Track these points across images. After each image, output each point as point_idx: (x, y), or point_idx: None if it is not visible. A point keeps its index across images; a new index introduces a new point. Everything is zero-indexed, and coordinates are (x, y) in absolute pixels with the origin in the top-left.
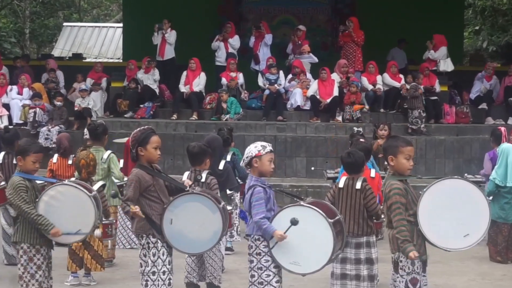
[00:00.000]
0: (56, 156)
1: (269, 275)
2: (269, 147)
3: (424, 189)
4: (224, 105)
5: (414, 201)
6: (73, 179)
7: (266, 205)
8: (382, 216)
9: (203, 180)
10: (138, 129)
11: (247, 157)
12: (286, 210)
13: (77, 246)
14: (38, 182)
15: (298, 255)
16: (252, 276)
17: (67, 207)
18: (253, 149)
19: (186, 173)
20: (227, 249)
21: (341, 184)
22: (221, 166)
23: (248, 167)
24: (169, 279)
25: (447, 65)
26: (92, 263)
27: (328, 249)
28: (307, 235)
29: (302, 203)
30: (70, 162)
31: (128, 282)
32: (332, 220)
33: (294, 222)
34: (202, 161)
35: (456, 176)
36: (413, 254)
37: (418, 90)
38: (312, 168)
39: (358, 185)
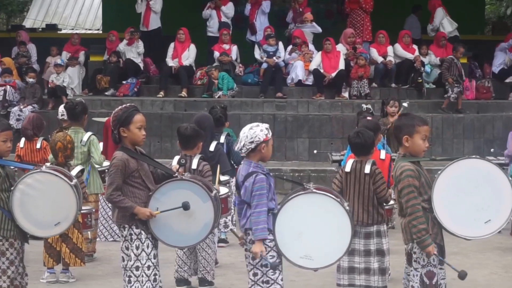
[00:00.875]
0: (23, 140)
1: (275, 273)
2: (269, 130)
3: (439, 171)
4: (216, 82)
5: (428, 185)
6: (48, 164)
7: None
8: (392, 202)
9: (194, 166)
10: (120, 107)
11: (251, 142)
12: (296, 199)
13: (54, 239)
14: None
15: (310, 247)
16: (255, 274)
17: (46, 197)
18: (259, 133)
19: (176, 158)
20: (220, 241)
21: (347, 168)
22: (212, 148)
23: (244, 152)
24: (155, 274)
25: (449, 25)
26: (70, 258)
27: (345, 239)
28: (320, 224)
29: (312, 189)
30: (38, 146)
31: (111, 279)
32: (347, 208)
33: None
34: (194, 145)
35: (474, 156)
36: (432, 250)
37: (454, 64)
38: (315, 151)
39: (367, 169)
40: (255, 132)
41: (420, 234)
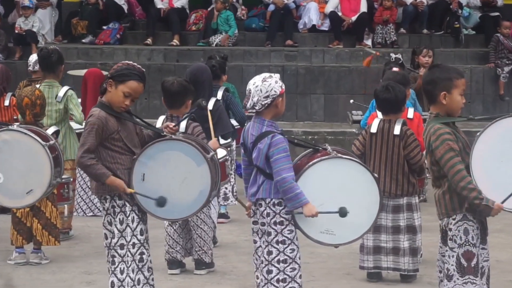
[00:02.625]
0: None
1: (293, 250)
2: None
3: (478, 133)
4: (216, 14)
5: (465, 150)
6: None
7: None
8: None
9: (182, 129)
10: (128, 62)
11: (267, 97)
12: (317, 166)
13: (24, 213)
14: None
15: (332, 220)
16: (269, 253)
17: (16, 161)
18: (274, 85)
19: (161, 119)
20: (220, 215)
21: (373, 129)
22: (210, 106)
23: (259, 109)
24: (141, 253)
25: None
26: (43, 235)
27: (372, 210)
28: (344, 194)
29: (334, 152)
30: (7, 103)
31: (91, 260)
32: (376, 175)
33: (343, 213)
34: (182, 103)
35: None
36: (498, 206)
37: (500, 43)
38: (352, 101)
39: (397, 130)
40: (270, 84)
41: (478, 201)
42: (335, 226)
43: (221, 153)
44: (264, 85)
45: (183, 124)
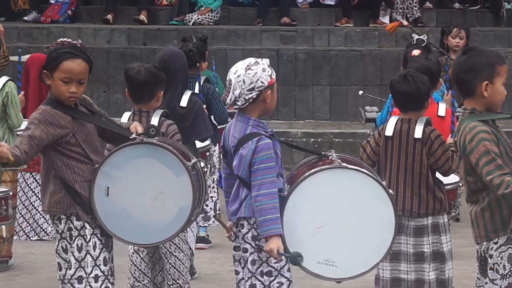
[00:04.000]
0: None
1: (281, 284)
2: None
3: None
4: None
5: (508, 155)
6: None
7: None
8: (457, 178)
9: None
10: (61, 40)
11: (251, 90)
12: (314, 178)
13: None
14: None
15: (333, 247)
16: (253, 286)
17: None
18: (261, 74)
19: (126, 116)
20: (199, 240)
21: (389, 131)
22: (184, 102)
23: (241, 105)
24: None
25: None
26: None
27: (385, 235)
28: (349, 215)
29: (338, 161)
30: None
31: None
32: (390, 191)
33: (294, 260)
34: (151, 96)
35: None
36: None
37: None
38: (361, 93)
39: (418, 132)
40: (255, 73)
41: None
42: (338, 255)
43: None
44: (248, 74)
45: (154, 122)
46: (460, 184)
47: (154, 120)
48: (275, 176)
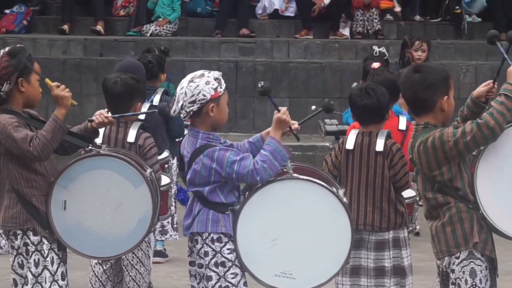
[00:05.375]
0: None
1: None
2: (223, 80)
3: (482, 148)
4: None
5: (465, 170)
6: None
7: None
8: (413, 192)
9: (131, 139)
10: (8, 49)
11: (193, 102)
12: (267, 189)
13: None
14: None
15: (290, 260)
16: None
17: None
18: (203, 86)
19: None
20: (156, 253)
21: (350, 144)
22: (142, 115)
23: (184, 117)
24: None
25: None
26: None
27: (343, 247)
28: (304, 227)
29: (291, 172)
30: None
31: None
32: (345, 200)
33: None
34: (128, 106)
35: None
36: None
37: None
38: (313, 107)
39: (380, 145)
40: (197, 85)
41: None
42: (295, 267)
43: (164, 180)
44: (190, 86)
45: (132, 135)
46: (417, 198)
47: (132, 133)
48: (249, 155)
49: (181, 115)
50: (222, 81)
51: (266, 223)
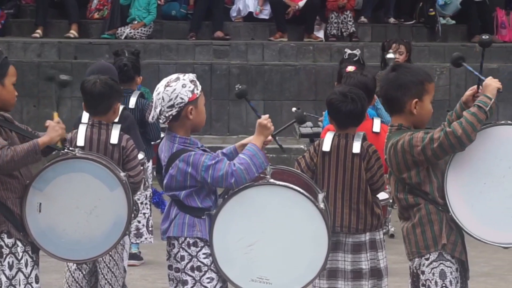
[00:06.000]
0: None
1: None
2: (197, 81)
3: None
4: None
5: (435, 173)
6: None
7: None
8: (387, 195)
9: (113, 141)
10: None
11: (171, 107)
12: (243, 194)
13: None
14: None
15: (266, 265)
16: None
17: None
18: (180, 90)
19: (82, 127)
20: (131, 256)
21: (326, 146)
22: (116, 118)
23: (164, 123)
24: None
25: None
26: None
27: (320, 252)
28: (280, 232)
29: (268, 177)
30: None
31: None
32: (322, 206)
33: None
34: (108, 108)
35: (504, 121)
36: (494, 86)
37: None
38: (294, 109)
39: (357, 147)
40: (174, 89)
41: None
42: (272, 272)
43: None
44: (167, 91)
45: (115, 136)
46: (391, 201)
47: (115, 134)
48: (224, 159)
49: (160, 121)
50: (198, 83)
51: (243, 228)
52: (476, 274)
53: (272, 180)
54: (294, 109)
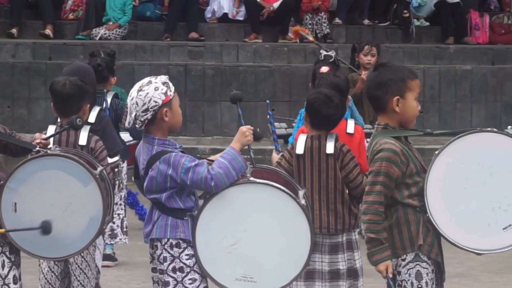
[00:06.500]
0: None
1: None
2: (170, 83)
3: (437, 152)
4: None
5: (419, 173)
6: None
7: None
8: None
9: (82, 142)
10: None
11: (145, 111)
12: (225, 194)
13: None
14: None
15: (250, 264)
16: None
17: None
18: (153, 93)
19: (51, 128)
20: (105, 257)
21: (299, 149)
22: (92, 118)
23: (140, 127)
24: None
25: None
26: None
27: (302, 248)
28: (263, 230)
29: (249, 176)
30: None
31: None
32: (303, 203)
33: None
34: (78, 109)
35: (489, 129)
36: (382, 269)
37: None
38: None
39: (330, 147)
40: (147, 93)
41: (370, 245)
42: (256, 270)
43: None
44: (140, 95)
45: (84, 137)
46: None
47: (83, 135)
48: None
49: (136, 125)
50: (170, 84)
51: (225, 227)
52: (450, 275)
53: (252, 179)
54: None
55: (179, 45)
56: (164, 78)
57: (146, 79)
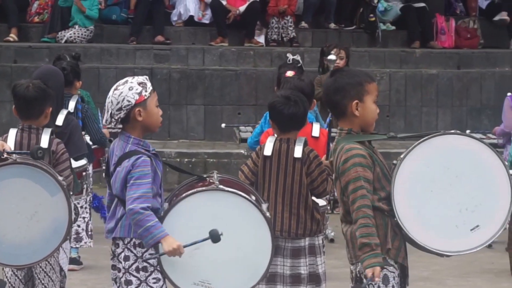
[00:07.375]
0: None
1: None
2: (149, 83)
3: (402, 155)
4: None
5: (385, 177)
6: None
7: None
8: (325, 202)
9: (44, 145)
10: None
11: (119, 110)
12: (191, 200)
13: None
14: None
15: (209, 269)
16: None
17: None
18: (127, 93)
19: (12, 132)
20: (70, 261)
21: (267, 150)
22: (60, 121)
23: (115, 125)
24: None
25: None
26: None
27: (262, 260)
28: (229, 239)
29: (217, 183)
30: None
31: None
32: (268, 215)
33: (214, 236)
34: (40, 112)
35: (453, 131)
36: (377, 274)
37: None
38: (223, 125)
39: (298, 151)
40: (121, 92)
41: (361, 252)
42: (215, 276)
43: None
44: (115, 94)
45: (45, 140)
46: (328, 208)
47: (45, 138)
48: (150, 192)
49: (112, 124)
50: (148, 85)
51: (189, 231)
52: (415, 279)
53: (221, 186)
54: (223, 125)
55: (145, 49)
56: (142, 78)
57: (125, 79)
